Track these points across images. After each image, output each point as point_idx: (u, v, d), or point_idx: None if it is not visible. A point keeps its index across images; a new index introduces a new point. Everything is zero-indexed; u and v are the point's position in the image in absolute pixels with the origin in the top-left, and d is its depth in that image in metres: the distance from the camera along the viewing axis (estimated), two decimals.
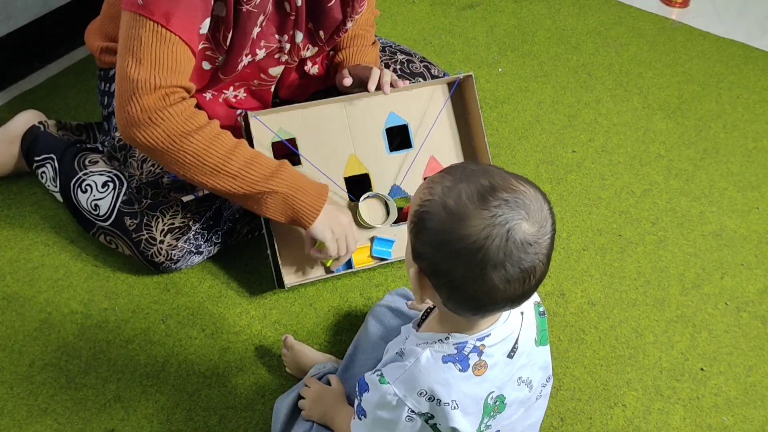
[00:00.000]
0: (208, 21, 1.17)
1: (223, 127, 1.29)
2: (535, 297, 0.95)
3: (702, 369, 1.31)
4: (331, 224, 1.26)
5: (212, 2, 1.16)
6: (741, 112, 1.86)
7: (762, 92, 1.92)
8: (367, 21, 1.45)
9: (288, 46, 1.32)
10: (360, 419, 0.92)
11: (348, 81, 1.35)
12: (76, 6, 1.90)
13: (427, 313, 0.96)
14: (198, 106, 1.25)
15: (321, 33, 1.33)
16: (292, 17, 1.27)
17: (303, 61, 1.42)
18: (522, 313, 0.90)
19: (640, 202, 1.62)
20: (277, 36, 1.30)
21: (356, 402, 0.92)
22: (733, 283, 1.46)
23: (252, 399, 1.23)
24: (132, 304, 1.37)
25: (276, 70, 1.37)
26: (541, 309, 0.95)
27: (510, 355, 0.88)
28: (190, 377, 1.26)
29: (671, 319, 1.39)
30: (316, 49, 1.38)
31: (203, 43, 1.22)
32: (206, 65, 1.29)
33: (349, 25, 1.35)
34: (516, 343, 0.89)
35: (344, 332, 1.34)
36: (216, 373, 1.27)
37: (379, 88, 1.34)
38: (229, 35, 1.22)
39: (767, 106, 1.88)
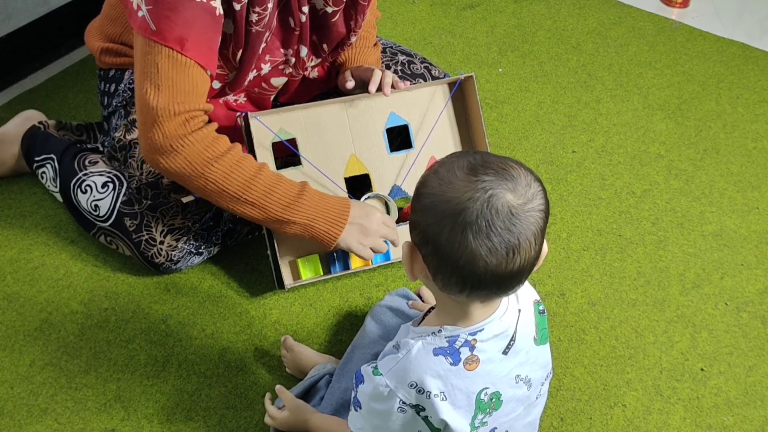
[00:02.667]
0: (219, 38, 1.18)
1: (222, 128, 1.29)
2: (534, 295, 0.96)
3: (702, 369, 1.31)
4: (356, 238, 1.28)
5: (222, 20, 1.16)
6: (741, 112, 1.86)
7: (762, 92, 1.92)
8: (368, 22, 1.45)
9: (293, 60, 1.33)
10: (356, 410, 0.93)
11: (351, 84, 1.36)
12: (76, 6, 1.90)
13: (427, 313, 0.96)
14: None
15: (325, 46, 1.34)
16: (297, 32, 1.28)
17: (305, 71, 1.43)
18: (519, 311, 0.90)
19: (640, 202, 1.62)
20: (282, 50, 1.30)
21: (352, 394, 0.93)
22: (733, 283, 1.46)
23: (252, 399, 1.23)
24: (132, 304, 1.37)
25: (278, 81, 1.38)
26: (540, 307, 0.96)
27: (505, 352, 0.88)
28: (191, 377, 1.26)
29: (671, 319, 1.39)
30: (319, 60, 1.38)
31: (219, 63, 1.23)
32: (216, 84, 1.30)
33: (353, 39, 1.35)
34: (512, 340, 0.89)
35: (344, 332, 1.34)
36: (216, 373, 1.27)
37: (379, 89, 1.34)
38: (239, 53, 1.23)
39: (767, 106, 1.88)
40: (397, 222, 1.41)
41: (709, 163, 1.72)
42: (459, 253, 0.78)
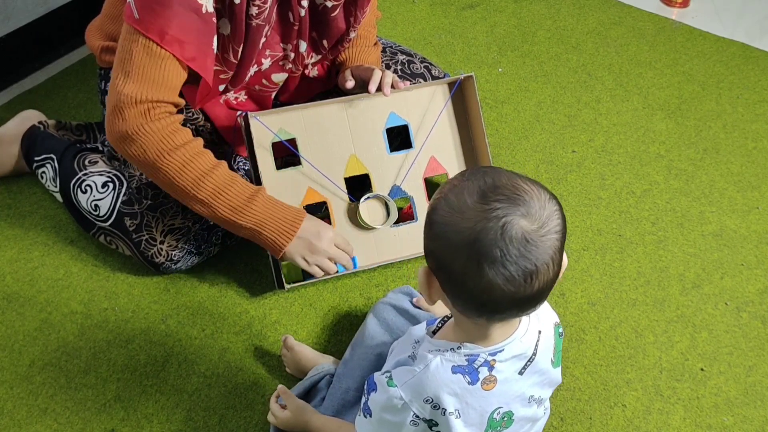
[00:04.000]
0: (215, 39, 1.18)
1: (222, 127, 1.29)
2: (554, 317, 0.95)
3: (702, 369, 1.31)
4: (302, 253, 1.26)
5: (213, 18, 1.16)
6: (741, 112, 1.86)
7: (762, 92, 1.92)
8: (368, 22, 1.45)
9: (292, 54, 1.33)
10: (366, 417, 0.92)
11: (351, 83, 1.36)
12: (76, 6, 1.90)
13: (444, 321, 0.95)
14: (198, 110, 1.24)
15: (325, 42, 1.34)
16: (296, 27, 1.28)
17: (304, 67, 1.43)
18: (539, 332, 0.90)
19: (640, 202, 1.62)
20: (281, 44, 1.30)
21: (363, 399, 0.92)
22: (733, 283, 1.46)
23: (252, 399, 1.23)
24: (132, 304, 1.37)
25: (279, 77, 1.38)
26: (560, 330, 0.95)
27: (521, 372, 0.88)
28: (190, 377, 1.26)
29: (671, 319, 1.39)
30: (320, 56, 1.38)
31: (215, 66, 1.22)
32: (220, 87, 1.30)
33: (353, 34, 1.36)
34: (529, 361, 0.88)
35: (344, 332, 1.34)
36: (216, 373, 1.27)
37: (379, 89, 1.34)
38: (239, 49, 1.23)
39: (767, 106, 1.88)
40: (397, 222, 1.41)
41: (709, 163, 1.72)
42: (475, 282, 0.77)
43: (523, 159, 1.70)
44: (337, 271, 1.31)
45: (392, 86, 1.35)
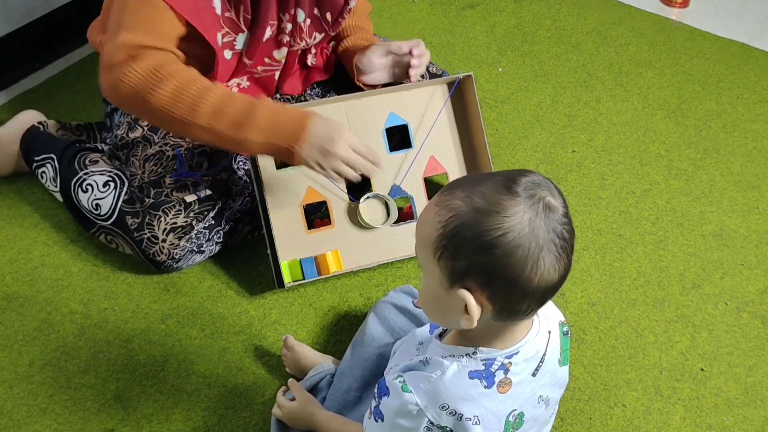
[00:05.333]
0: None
1: None
2: (560, 316, 0.95)
3: (702, 369, 1.31)
4: (315, 158, 1.18)
5: None
6: (741, 112, 1.86)
7: (762, 92, 1.92)
8: (362, 13, 1.47)
9: (289, 26, 1.31)
10: (377, 421, 0.90)
11: (382, 60, 1.38)
12: (76, 6, 1.90)
13: None
14: None
15: (328, 16, 1.34)
16: None
17: (304, 53, 1.43)
18: (549, 332, 0.90)
19: (640, 202, 1.62)
20: (279, 14, 1.30)
21: (373, 403, 0.90)
22: (733, 283, 1.46)
23: (252, 399, 1.23)
24: (132, 304, 1.37)
25: (280, 54, 1.37)
26: (565, 329, 0.95)
27: (534, 374, 0.88)
28: (190, 377, 1.26)
29: (671, 319, 1.39)
30: (323, 35, 1.38)
31: (224, 30, 1.22)
32: (228, 54, 1.29)
33: (352, 4, 1.35)
34: (541, 362, 0.88)
35: (344, 332, 1.34)
36: (216, 372, 1.27)
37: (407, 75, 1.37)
38: (249, 17, 1.23)
39: (767, 106, 1.88)
40: (397, 221, 1.41)
41: (709, 162, 1.72)
42: (537, 273, 0.76)
43: (523, 159, 1.70)
44: (359, 180, 1.23)
45: (409, 78, 1.37)
